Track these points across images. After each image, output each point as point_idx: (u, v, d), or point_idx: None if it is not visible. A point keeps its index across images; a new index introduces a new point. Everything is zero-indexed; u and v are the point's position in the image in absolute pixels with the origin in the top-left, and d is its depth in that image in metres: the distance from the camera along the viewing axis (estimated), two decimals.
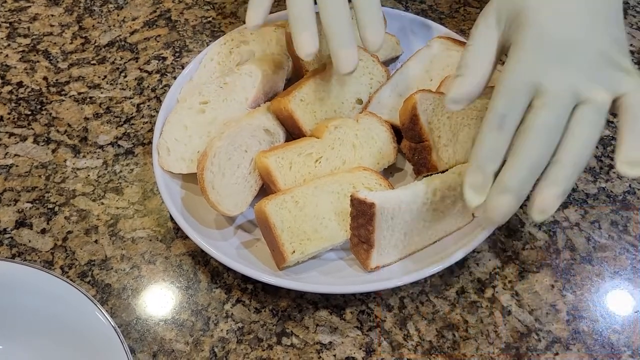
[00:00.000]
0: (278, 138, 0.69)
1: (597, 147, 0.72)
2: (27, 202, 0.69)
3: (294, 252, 0.60)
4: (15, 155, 0.73)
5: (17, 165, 0.72)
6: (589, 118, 0.54)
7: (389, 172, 0.70)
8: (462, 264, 0.64)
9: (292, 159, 0.65)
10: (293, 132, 0.69)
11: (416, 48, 0.75)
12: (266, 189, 0.66)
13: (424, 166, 0.65)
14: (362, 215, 0.59)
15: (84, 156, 0.73)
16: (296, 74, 0.74)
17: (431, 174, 0.64)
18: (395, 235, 0.61)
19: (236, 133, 0.65)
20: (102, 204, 0.69)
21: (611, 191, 0.69)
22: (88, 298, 0.54)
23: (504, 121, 0.54)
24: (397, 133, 0.68)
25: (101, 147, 0.74)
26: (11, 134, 0.75)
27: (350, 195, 0.59)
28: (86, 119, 0.76)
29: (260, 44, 0.75)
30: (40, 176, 0.71)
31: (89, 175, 0.71)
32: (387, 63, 0.76)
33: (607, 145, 0.72)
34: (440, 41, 0.74)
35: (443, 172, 0.63)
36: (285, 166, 0.65)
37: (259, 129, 0.67)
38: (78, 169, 0.72)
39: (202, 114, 0.69)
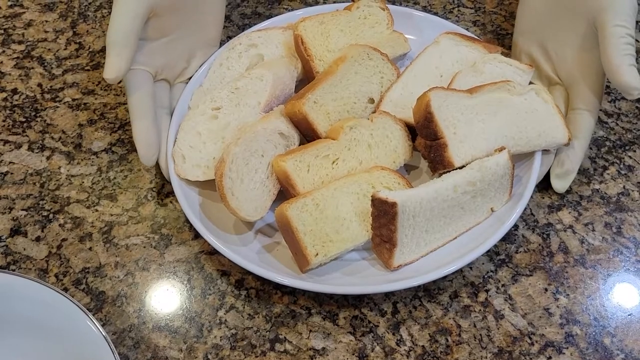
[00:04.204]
0: (293, 141, 0.69)
1: (591, 149, 0.72)
2: (22, 209, 0.70)
3: (317, 254, 0.60)
4: (10, 162, 0.74)
5: (11, 173, 0.73)
6: None
7: (405, 170, 0.70)
8: None
9: (310, 162, 0.65)
10: (308, 135, 0.69)
11: (424, 45, 0.75)
12: (284, 192, 0.66)
13: (440, 163, 0.65)
14: (384, 215, 0.59)
15: (78, 163, 0.73)
16: (306, 76, 0.74)
17: (448, 171, 0.64)
18: (417, 233, 0.61)
19: (252, 138, 0.65)
20: (97, 210, 0.69)
21: (605, 193, 0.69)
22: (79, 307, 0.54)
23: None
24: (411, 131, 0.69)
25: (95, 153, 0.74)
26: (6, 142, 0.75)
27: (372, 196, 0.59)
28: (80, 125, 0.76)
29: (269, 47, 0.76)
30: (34, 183, 0.72)
31: (83, 182, 0.72)
32: (396, 61, 0.76)
33: (601, 146, 0.72)
34: (449, 37, 0.74)
35: (460, 168, 0.64)
36: (303, 169, 0.65)
37: (274, 132, 0.67)
38: (72, 176, 0.72)
39: (215, 120, 0.69)
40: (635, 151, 0.71)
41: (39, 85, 0.80)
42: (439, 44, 0.74)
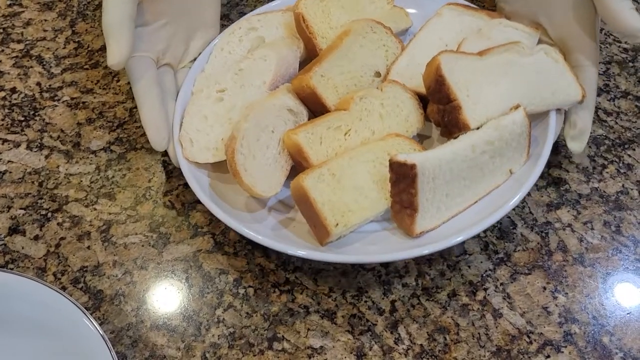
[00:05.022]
0: (302, 117, 0.68)
1: (590, 147, 0.72)
2: (21, 208, 0.70)
3: (337, 225, 0.59)
4: (9, 161, 0.74)
5: (10, 172, 0.73)
6: None
7: (417, 140, 0.69)
8: (453, 266, 0.64)
9: (322, 134, 0.65)
10: (316, 110, 0.69)
11: (425, 19, 0.75)
12: (297, 168, 0.66)
13: (455, 126, 0.64)
14: (403, 178, 0.58)
15: (76, 162, 0.73)
16: (309, 55, 0.74)
17: (465, 133, 0.64)
18: (437, 197, 0.61)
19: (261, 114, 0.65)
20: (95, 209, 0.69)
21: (604, 191, 0.68)
22: (77, 306, 0.54)
23: None
24: (421, 100, 0.68)
25: (94, 152, 0.74)
26: (5, 141, 0.75)
27: (389, 160, 0.59)
28: (79, 124, 0.76)
29: (269, 29, 0.75)
30: (33, 182, 0.72)
31: (81, 181, 0.72)
32: (398, 35, 0.75)
33: (600, 145, 0.72)
34: (451, 8, 0.74)
35: (477, 129, 0.63)
36: (316, 141, 0.65)
37: (283, 109, 0.67)
38: (71, 175, 0.72)
39: (220, 102, 0.69)
40: (634, 150, 0.71)
41: (38, 84, 0.80)
42: (442, 15, 0.74)
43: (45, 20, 0.87)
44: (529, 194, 0.68)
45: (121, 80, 0.80)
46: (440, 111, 0.65)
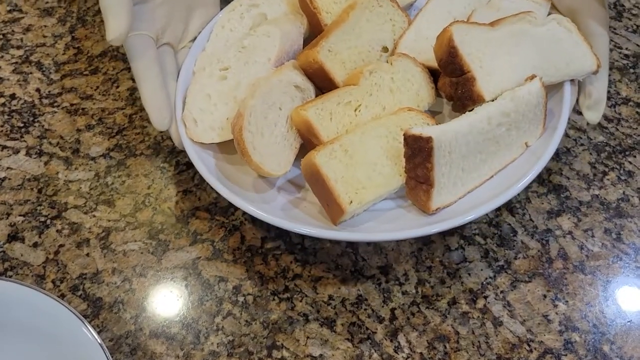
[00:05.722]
0: (309, 94, 0.67)
1: (590, 154, 0.71)
2: (20, 215, 0.70)
3: (351, 202, 0.58)
4: (8, 168, 0.73)
5: (9, 179, 0.73)
6: None
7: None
8: (453, 274, 0.64)
9: (332, 109, 0.64)
10: (323, 86, 0.68)
11: None
12: (306, 146, 0.65)
13: (469, 99, 0.63)
14: (419, 152, 0.57)
15: (75, 168, 0.73)
16: (313, 31, 0.73)
17: (480, 105, 0.63)
18: (454, 171, 0.60)
19: (268, 90, 0.64)
20: (94, 216, 0.69)
21: (605, 198, 0.68)
22: (75, 314, 0.54)
23: None
24: (432, 75, 0.68)
25: (93, 158, 0.74)
26: (4, 147, 0.75)
27: (404, 134, 0.58)
28: (78, 130, 0.76)
29: (271, 6, 0.74)
30: (32, 189, 0.72)
31: (80, 188, 0.71)
32: (404, 9, 0.74)
33: (601, 151, 0.72)
34: None
35: (492, 101, 0.62)
36: (326, 117, 0.63)
37: (290, 85, 0.66)
38: (70, 182, 0.72)
39: (224, 80, 0.68)
40: (635, 157, 0.71)
41: (37, 90, 0.80)
42: None
43: (45, 26, 0.87)
44: (529, 201, 0.68)
45: (121, 87, 0.80)
46: (453, 84, 0.64)
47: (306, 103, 0.65)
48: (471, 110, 0.62)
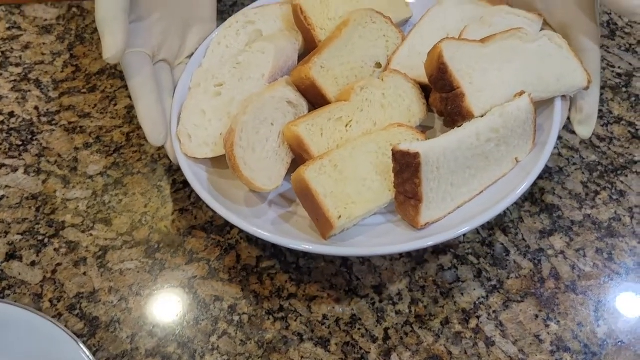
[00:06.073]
0: (302, 110, 0.68)
1: (583, 173, 0.72)
2: (18, 234, 0.70)
3: (340, 217, 0.59)
4: (6, 186, 0.74)
5: (7, 197, 0.73)
6: None
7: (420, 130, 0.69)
8: (447, 294, 0.64)
9: (323, 125, 0.65)
10: (316, 102, 0.69)
11: (425, 8, 0.75)
12: (297, 161, 0.66)
13: (459, 115, 0.64)
14: (407, 168, 0.58)
15: (73, 187, 0.74)
16: (308, 47, 0.74)
17: (469, 121, 0.63)
18: (442, 186, 0.60)
19: (260, 106, 0.65)
20: (91, 235, 0.70)
21: (597, 218, 0.69)
22: (70, 336, 0.54)
23: None
24: (424, 90, 0.68)
25: (90, 177, 0.74)
26: (2, 165, 0.76)
27: (392, 149, 0.58)
28: (76, 148, 0.77)
29: (267, 22, 0.75)
30: (30, 207, 0.72)
31: (78, 206, 0.72)
32: (398, 26, 0.75)
33: (593, 171, 0.72)
34: None
35: (481, 117, 0.63)
36: (317, 133, 0.64)
37: (282, 101, 0.67)
38: (67, 200, 0.73)
39: (218, 96, 0.69)
40: (627, 176, 0.72)
41: (36, 108, 0.81)
42: (443, 4, 0.74)
43: (44, 43, 0.88)
44: (522, 220, 0.69)
45: (118, 104, 0.81)
46: (443, 100, 0.65)
47: (298, 119, 0.66)
48: (461, 126, 0.63)
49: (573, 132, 0.67)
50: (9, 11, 0.92)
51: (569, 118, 0.67)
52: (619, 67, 0.81)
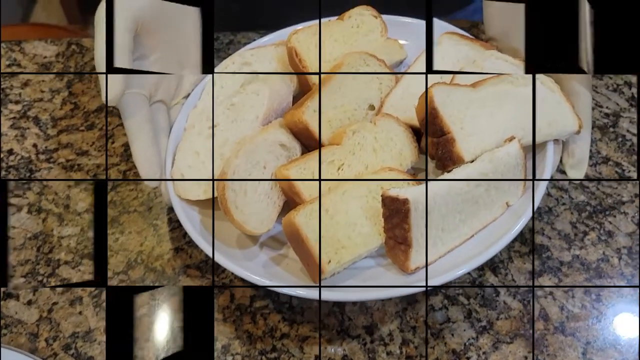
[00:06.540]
0: (295, 152, 0.69)
1: (572, 213, 0.73)
2: (22, 276, 0.71)
3: (329, 262, 0.60)
4: (12, 227, 0.75)
5: (13, 238, 0.74)
6: None
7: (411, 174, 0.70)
8: (437, 334, 0.65)
9: (314, 169, 0.65)
10: (310, 145, 0.69)
11: (420, 49, 0.75)
12: (289, 204, 0.67)
13: (449, 159, 0.64)
14: (396, 214, 0.59)
15: (66, 224, 0.75)
16: (302, 89, 0.75)
17: (459, 166, 0.64)
18: (432, 232, 0.61)
19: (252, 149, 0.66)
20: (87, 273, 0.71)
21: (585, 259, 0.70)
22: None
23: None
24: (416, 133, 0.69)
25: (80, 214, 0.75)
26: (9, 204, 0.77)
27: (382, 195, 0.59)
28: (69, 186, 0.78)
29: (262, 64, 0.76)
30: (32, 248, 0.73)
31: (71, 244, 0.73)
32: (393, 68, 0.77)
33: (582, 211, 0.74)
34: (448, 37, 0.75)
35: (471, 162, 0.64)
36: (308, 177, 0.65)
37: (275, 144, 0.68)
38: (62, 238, 0.74)
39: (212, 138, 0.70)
40: (615, 216, 0.73)
41: (34, 145, 0.83)
42: (441, 44, 0.75)
43: (43, 80, 0.90)
44: (511, 261, 0.70)
45: (116, 142, 0.82)
46: (434, 144, 0.65)
47: (289, 162, 0.67)
48: (450, 171, 0.64)
49: (563, 172, 0.68)
50: (9, 48, 0.93)
51: (561, 161, 0.69)
52: (607, 107, 0.82)
